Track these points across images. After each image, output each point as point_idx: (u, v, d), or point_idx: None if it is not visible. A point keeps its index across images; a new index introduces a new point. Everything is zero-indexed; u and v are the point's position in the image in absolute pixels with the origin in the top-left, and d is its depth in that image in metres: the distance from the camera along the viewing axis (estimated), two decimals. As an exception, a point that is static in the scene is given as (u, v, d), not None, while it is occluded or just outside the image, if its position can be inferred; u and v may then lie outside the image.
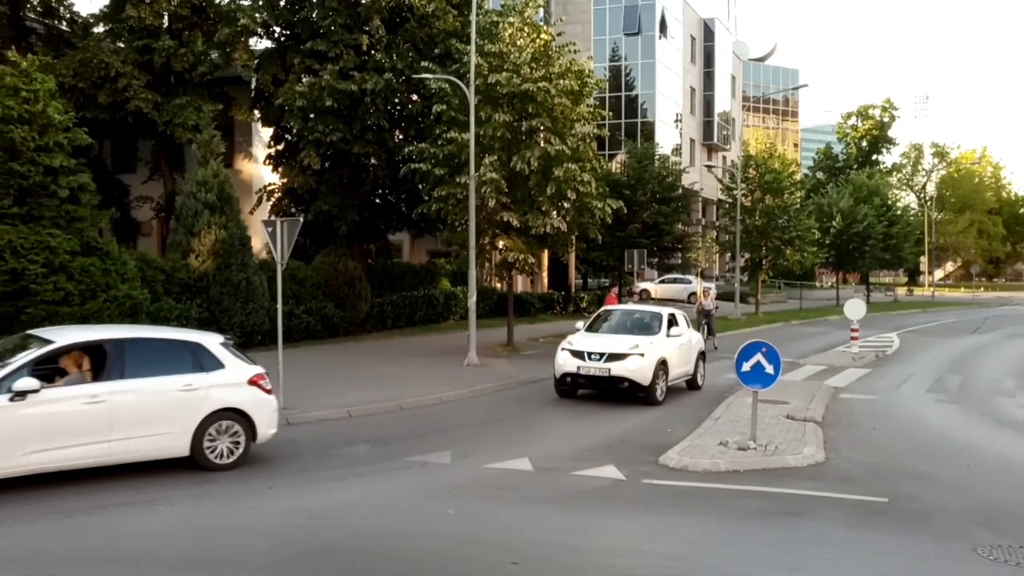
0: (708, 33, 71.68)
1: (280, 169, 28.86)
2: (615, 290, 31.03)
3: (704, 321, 26.34)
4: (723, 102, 73.01)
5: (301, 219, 16.25)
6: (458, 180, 22.65)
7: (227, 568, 7.57)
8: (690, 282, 48.85)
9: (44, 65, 20.23)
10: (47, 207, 18.28)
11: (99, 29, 29.48)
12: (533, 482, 10.82)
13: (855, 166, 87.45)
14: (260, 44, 29.37)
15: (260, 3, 27.41)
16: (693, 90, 69.73)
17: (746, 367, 12.13)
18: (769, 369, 11.97)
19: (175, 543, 8.22)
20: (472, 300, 21.70)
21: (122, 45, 27.67)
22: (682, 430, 13.76)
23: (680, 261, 47.98)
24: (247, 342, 22.54)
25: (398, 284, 32.33)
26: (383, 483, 10.56)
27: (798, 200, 45.54)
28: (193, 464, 10.61)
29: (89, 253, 18.51)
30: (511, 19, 24.24)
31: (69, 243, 18.04)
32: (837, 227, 53.15)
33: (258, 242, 25.18)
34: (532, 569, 7.60)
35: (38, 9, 31.32)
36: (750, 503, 9.98)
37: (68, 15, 31.17)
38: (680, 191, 42.54)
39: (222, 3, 28.48)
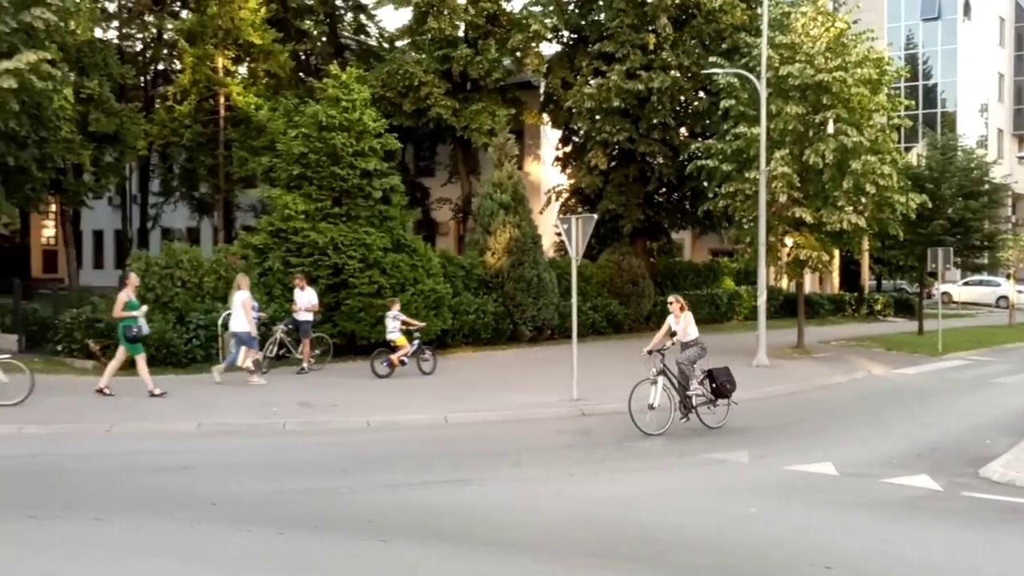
0: (1020, 12, 65.04)
1: (568, 170, 29.64)
2: None
3: (657, 368, 13.04)
4: (1038, 87, 66.02)
5: (595, 216, 16.59)
6: (747, 176, 22.15)
7: (537, 548, 7.85)
8: (999, 284, 44.92)
9: (358, 77, 22.09)
10: (362, 207, 19.95)
11: (402, 42, 31.78)
12: (838, 487, 10.36)
13: None
14: (548, 48, 30.38)
15: (550, 8, 28.31)
16: (1001, 76, 63.56)
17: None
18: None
19: (486, 521, 8.66)
20: (762, 299, 21.17)
21: (423, 56, 29.61)
22: (1003, 442, 12.61)
23: (987, 261, 44.06)
24: (537, 336, 23.42)
25: (680, 283, 32.20)
26: (681, 477, 10.56)
27: None
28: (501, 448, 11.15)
29: (399, 250, 20.00)
30: (804, 8, 23.36)
31: (382, 240, 19.58)
32: None
33: (546, 240, 26.03)
34: (848, 574, 7.29)
35: (349, 27, 34.34)
36: (1094, 525, 8.98)
37: (376, 31, 33.93)
38: (990, 185, 39.01)
39: (514, 11, 29.73)
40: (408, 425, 13.26)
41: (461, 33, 29.27)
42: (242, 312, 16.04)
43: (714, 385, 13.37)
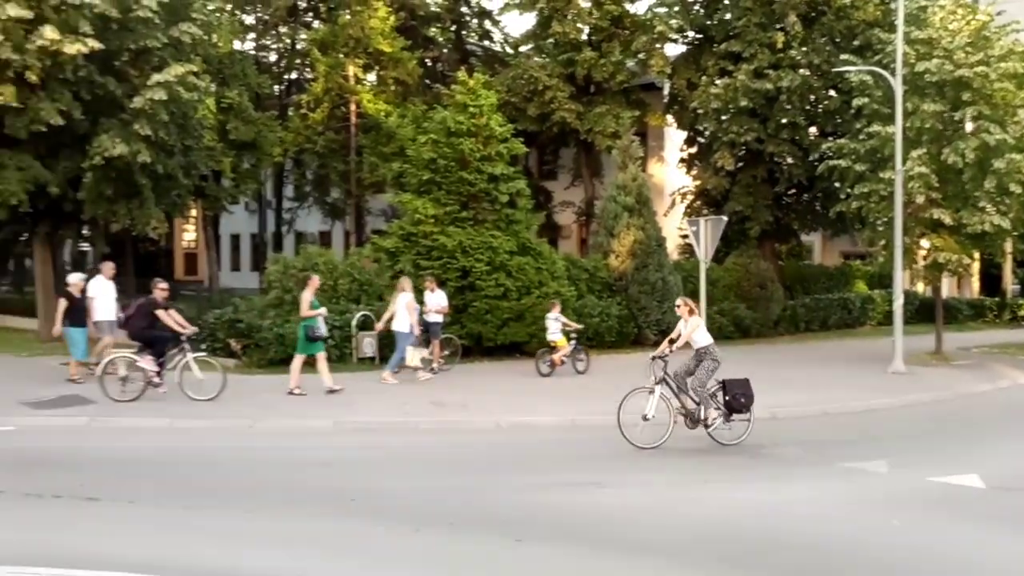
0: None
1: (693, 171, 29.35)
2: None
3: (657, 376, 11.96)
4: None
5: (725, 219, 16.38)
6: (881, 176, 21.43)
7: (672, 553, 7.81)
8: None
9: (484, 83, 22.44)
10: (489, 211, 20.26)
11: (527, 47, 32.08)
12: (985, 500, 9.93)
13: None
14: (672, 49, 30.13)
15: (675, 9, 28.09)
16: None
17: None
18: None
19: (620, 523, 8.63)
20: (898, 303, 20.46)
21: (547, 60, 29.81)
22: None
23: None
24: (661, 340, 23.20)
25: (809, 286, 31.45)
26: (818, 486, 10.30)
27: None
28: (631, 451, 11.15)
29: (524, 253, 20.22)
30: (942, 2, 22.48)
31: (508, 244, 19.84)
32: None
33: (670, 243, 25.83)
34: (1000, 592, 7.01)
35: (475, 33, 34.89)
36: None
37: (500, 36, 34.40)
38: None
39: (638, 13, 29.63)
40: (537, 426, 13.41)
41: (585, 36, 29.38)
42: (405, 313, 16.61)
43: (727, 398, 12.06)
